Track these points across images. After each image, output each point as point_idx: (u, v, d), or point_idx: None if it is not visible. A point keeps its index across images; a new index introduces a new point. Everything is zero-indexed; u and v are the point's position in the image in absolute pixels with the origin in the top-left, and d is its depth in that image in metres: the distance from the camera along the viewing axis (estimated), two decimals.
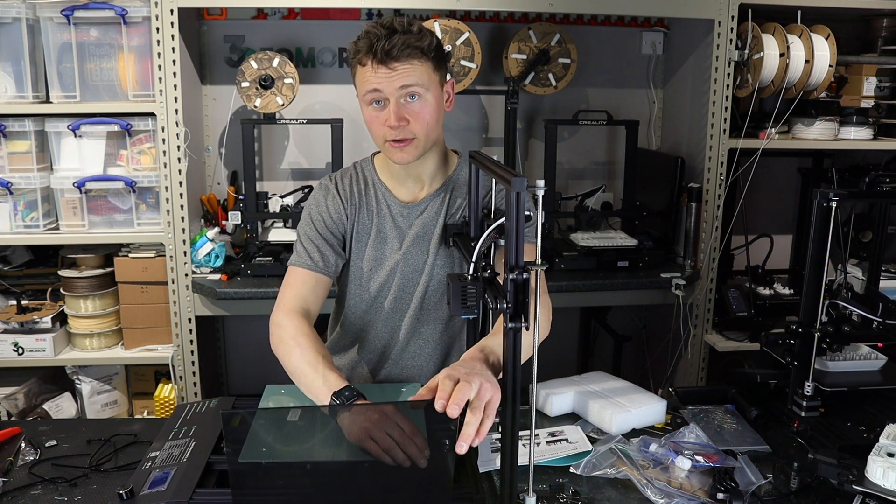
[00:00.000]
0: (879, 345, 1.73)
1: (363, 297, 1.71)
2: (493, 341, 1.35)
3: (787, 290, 2.76)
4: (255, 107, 2.54)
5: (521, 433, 1.15)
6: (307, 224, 1.67)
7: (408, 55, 1.46)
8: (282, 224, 2.72)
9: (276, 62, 2.51)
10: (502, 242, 1.48)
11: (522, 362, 1.11)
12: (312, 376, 1.42)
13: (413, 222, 1.67)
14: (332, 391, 1.35)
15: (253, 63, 2.50)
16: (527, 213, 1.10)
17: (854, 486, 1.25)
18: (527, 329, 1.07)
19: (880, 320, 1.63)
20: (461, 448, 1.12)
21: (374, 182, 1.69)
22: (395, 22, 1.48)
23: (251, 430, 1.23)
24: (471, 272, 1.23)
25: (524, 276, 1.05)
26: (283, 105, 2.55)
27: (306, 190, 2.81)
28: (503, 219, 1.14)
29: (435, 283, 1.67)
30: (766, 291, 2.74)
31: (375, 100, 1.51)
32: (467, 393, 1.15)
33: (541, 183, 1.05)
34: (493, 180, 1.52)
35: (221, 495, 1.22)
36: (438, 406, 1.14)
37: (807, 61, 2.52)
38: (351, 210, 1.68)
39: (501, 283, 1.13)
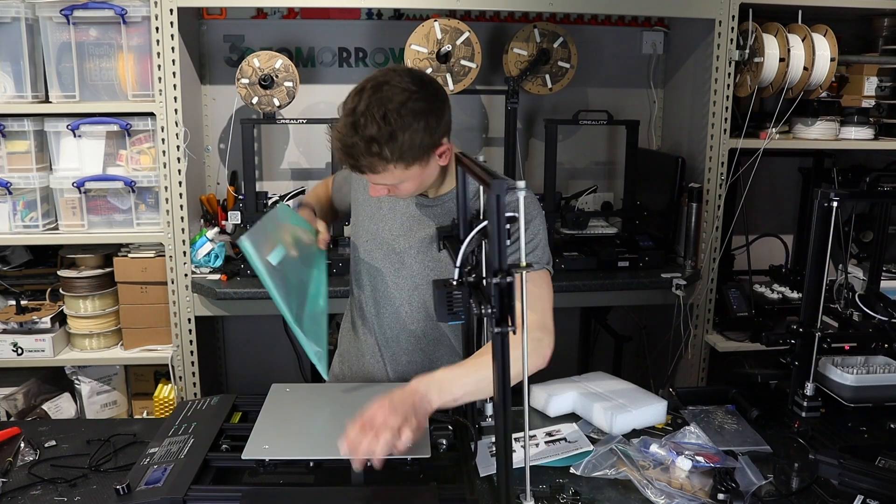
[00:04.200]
0: (846, 347, 1.70)
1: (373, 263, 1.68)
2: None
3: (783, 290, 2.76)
4: (255, 106, 2.54)
5: (516, 434, 1.15)
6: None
7: (376, 168, 1.43)
8: None
9: (275, 62, 2.51)
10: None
11: (514, 384, 1.10)
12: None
13: (434, 212, 1.61)
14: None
15: (253, 62, 2.50)
16: (513, 214, 1.07)
17: None
18: (514, 333, 1.04)
19: (884, 320, 1.63)
20: (355, 465, 1.19)
21: None
22: (358, 135, 1.44)
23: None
24: (456, 277, 1.21)
25: (508, 280, 1.03)
26: (282, 105, 2.55)
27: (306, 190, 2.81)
28: (486, 222, 1.11)
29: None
30: (774, 295, 2.73)
31: None
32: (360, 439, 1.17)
33: (521, 184, 1.03)
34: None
35: (216, 492, 1.22)
36: (342, 451, 1.18)
37: (807, 64, 2.52)
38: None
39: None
